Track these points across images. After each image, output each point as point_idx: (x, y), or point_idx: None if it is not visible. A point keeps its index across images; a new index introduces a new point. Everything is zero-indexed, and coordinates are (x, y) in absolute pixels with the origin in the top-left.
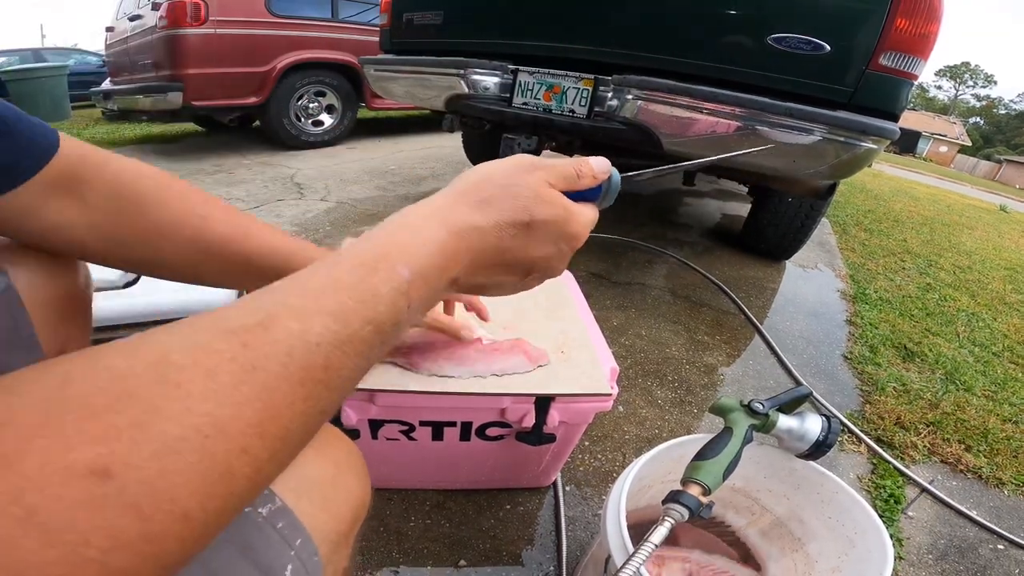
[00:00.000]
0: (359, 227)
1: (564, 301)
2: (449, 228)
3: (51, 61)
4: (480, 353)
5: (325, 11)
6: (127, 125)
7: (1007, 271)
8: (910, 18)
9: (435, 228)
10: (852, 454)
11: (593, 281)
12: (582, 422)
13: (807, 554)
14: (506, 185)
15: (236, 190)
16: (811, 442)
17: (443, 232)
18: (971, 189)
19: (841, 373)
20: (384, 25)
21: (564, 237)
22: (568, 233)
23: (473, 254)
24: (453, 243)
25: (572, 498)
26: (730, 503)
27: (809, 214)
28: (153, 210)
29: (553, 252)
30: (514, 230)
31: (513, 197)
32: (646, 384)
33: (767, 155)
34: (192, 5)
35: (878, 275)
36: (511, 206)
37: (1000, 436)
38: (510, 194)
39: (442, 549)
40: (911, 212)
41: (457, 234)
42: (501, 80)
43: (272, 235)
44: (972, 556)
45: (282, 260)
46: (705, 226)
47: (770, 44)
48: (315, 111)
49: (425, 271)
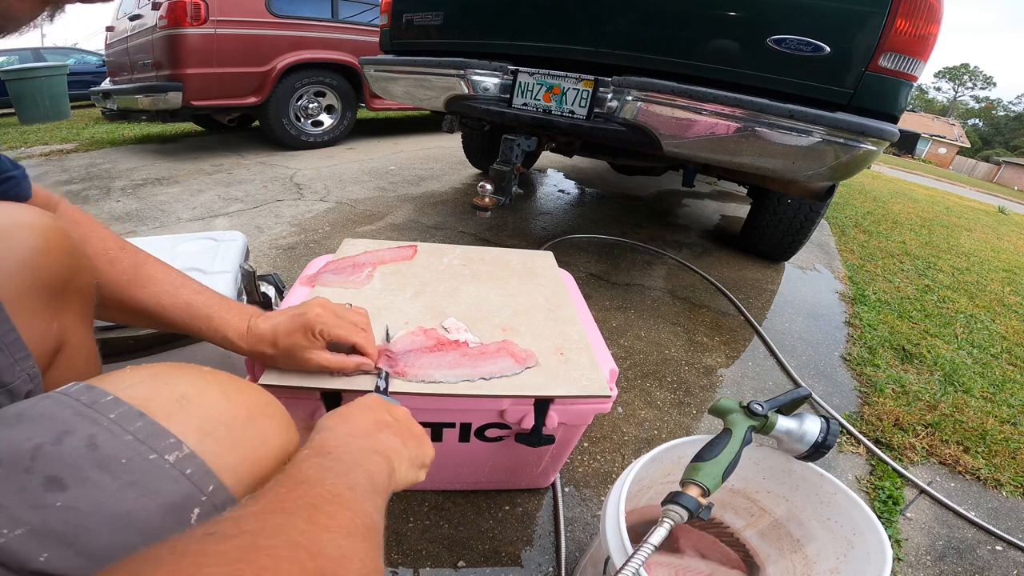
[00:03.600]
0: (358, 227)
1: (563, 302)
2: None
3: (50, 61)
4: (467, 357)
5: (325, 11)
6: (126, 125)
7: (1006, 273)
8: (910, 20)
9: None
10: (851, 455)
11: (592, 282)
12: (581, 423)
13: (806, 555)
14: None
15: (235, 190)
16: (810, 443)
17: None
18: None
19: (840, 374)
20: (384, 25)
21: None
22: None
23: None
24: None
25: (571, 499)
26: (729, 504)
27: (808, 215)
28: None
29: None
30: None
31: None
32: (645, 385)
33: (767, 156)
34: (192, 5)
35: (877, 277)
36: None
37: (998, 437)
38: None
39: (441, 550)
40: (910, 214)
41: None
42: (501, 81)
43: (159, 292)
44: (970, 557)
45: (162, 319)
46: (704, 227)
47: (770, 45)
48: (315, 111)
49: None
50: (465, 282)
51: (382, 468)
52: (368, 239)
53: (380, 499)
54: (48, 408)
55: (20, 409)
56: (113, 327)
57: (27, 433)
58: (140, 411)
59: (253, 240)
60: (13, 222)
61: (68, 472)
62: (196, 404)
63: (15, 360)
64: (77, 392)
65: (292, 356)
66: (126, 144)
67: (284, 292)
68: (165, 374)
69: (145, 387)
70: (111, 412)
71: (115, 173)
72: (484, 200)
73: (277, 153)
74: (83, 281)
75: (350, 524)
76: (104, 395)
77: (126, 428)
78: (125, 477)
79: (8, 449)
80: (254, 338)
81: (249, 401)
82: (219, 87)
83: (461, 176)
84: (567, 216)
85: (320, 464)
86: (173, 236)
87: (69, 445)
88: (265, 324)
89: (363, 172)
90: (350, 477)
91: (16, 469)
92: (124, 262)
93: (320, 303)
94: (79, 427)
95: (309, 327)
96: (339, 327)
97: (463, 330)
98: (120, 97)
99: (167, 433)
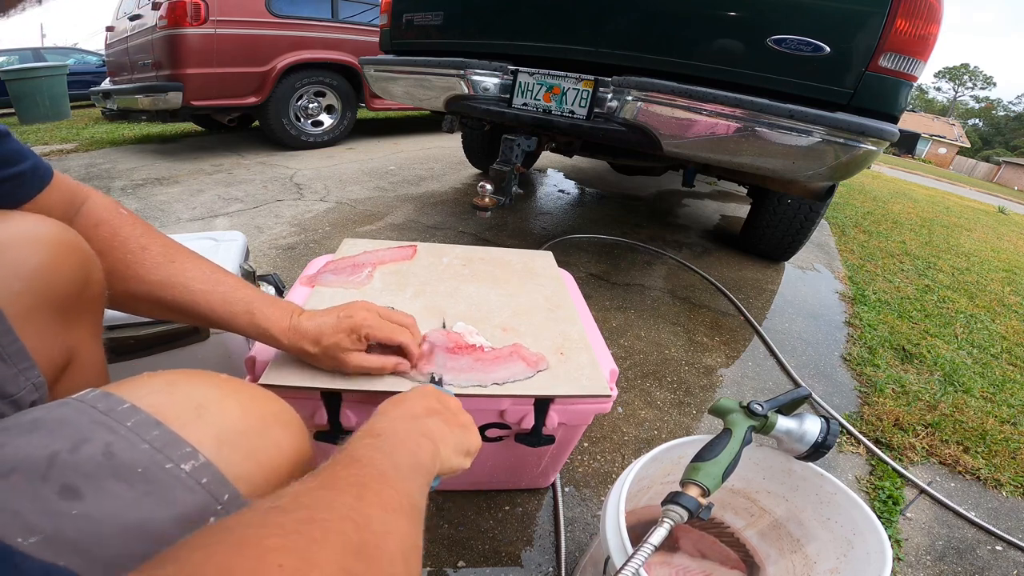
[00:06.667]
0: (358, 227)
1: (563, 302)
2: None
3: (51, 60)
4: (479, 362)
5: (325, 11)
6: (126, 125)
7: (1006, 273)
8: (910, 20)
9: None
10: (851, 455)
11: (592, 282)
12: (581, 424)
13: (806, 555)
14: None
15: (235, 190)
16: (810, 443)
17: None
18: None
19: (840, 374)
20: (384, 25)
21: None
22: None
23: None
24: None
25: (571, 499)
26: (729, 504)
27: (808, 215)
28: (102, 253)
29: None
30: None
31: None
32: (645, 385)
33: (767, 156)
34: (192, 5)
35: (877, 277)
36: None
37: (998, 437)
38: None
39: (441, 550)
40: (910, 214)
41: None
42: (501, 81)
43: (192, 288)
44: (970, 557)
45: (197, 314)
46: (704, 227)
47: (770, 46)
48: (315, 111)
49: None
50: (465, 282)
51: (426, 450)
52: (368, 239)
53: (423, 479)
54: (65, 415)
55: (36, 415)
56: (113, 327)
57: (44, 440)
58: (157, 420)
59: (253, 240)
60: (18, 236)
61: (84, 481)
62: (213, 413)
63: (19, 371)
64: (94, 399)
65: (333, 356)
66: (126, 144)
67: (284, 292)
68: (182, 382)
69: (162, 395)
70: (128, 420)
71: (115, 173)
72: (484, 200)
73: (277, 153)
74: (94, 292)
75: (393, 501)
76: (121, 403)
77: (143, 437)
78: (141, 486)
79: (24, 456)
80: (297, 335)
81: (264, 409)
82: (219, 87)
83: (461, 176)
84: (567, 216)
85: (371, 444)
86: (173, 236)
87: (86, 453)
88: (309, 322)
89: (363, 172)
90: (395, 457)
91: (32, 476)
92: (157, 256)
93: (365, 306)
94: (96, 435)
95: (355, 329)
96: (384, 329)
97: (475, 334)
98: (120, 97)
99: (183, 442)
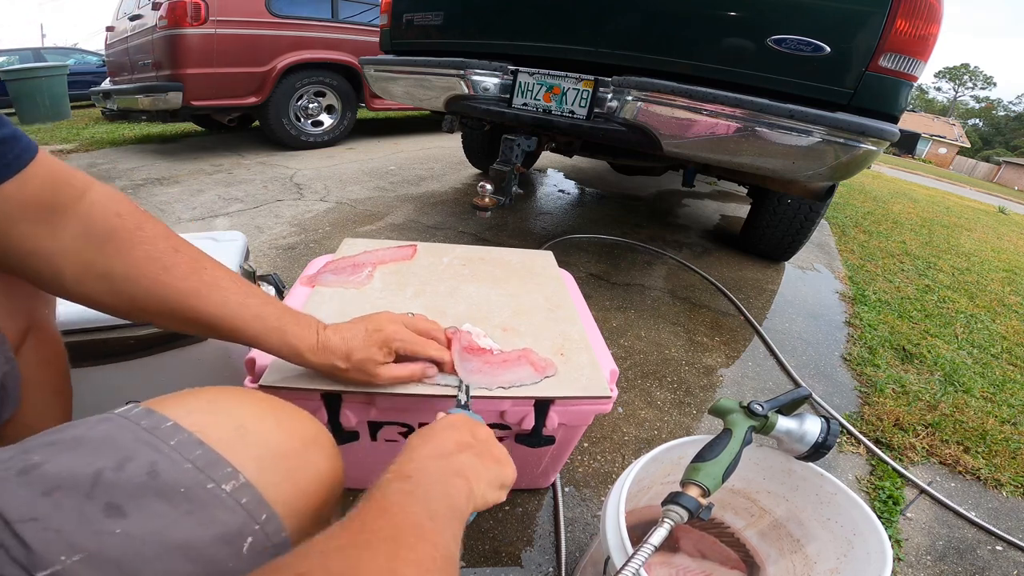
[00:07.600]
0: (358, 227)
1: (563, 302)
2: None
3: (51, 61)
4: (488, 364)
5: (325, 11)
6: (126, 125)
7: (1006, 273)
8: (910, 20)
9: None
10: (851, 455)
11: (592, 282)
12: (581, 424)
13: (806, 555)
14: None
15: (235, 190)
16: (810, 444)
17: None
18: (970, 191)
19: (840, 374)
20: (384, 25)
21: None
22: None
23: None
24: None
25: (571, 499)
26: (729, 504)
27: (808, 215)
28: (117, 254)
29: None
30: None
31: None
32: (645, 385)
33: (767, 156)
34: (192, 5)
35: (877, 277)
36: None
37: (999, 437)
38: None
39: None
40: (910, 214)
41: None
42: (501, 81)
43: (226, 300)
44: (971, 557)
45: (228, 329)
46: (704, 227)
47: (770, 46)
48: (315, 111)
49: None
50: (465, 282)
51: (461, 490)
52: (368, 239)
53: (458, 525)
54: (109, 432)
55: (79, 432)
56: (114, 327)
57: (88, 458)
58: (199, 439)
59: (253, 240)
60: None
61: (128, 499)
62: (254, 434)
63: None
64: (137, 416)
65: (364, 370)
66: (126, 144)
67: (284, 292)
68: (223, 400)
69: (204, 414)
70: (171, 439)
71: (115, 173)
72: (484, 200)
73: (277, 153)
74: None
75: (427, 558)
76: (164, 420)
77: (186, 456)
78: (183, 506)
79: (69, 474)
80: (327, 352)
81: (302, 430)
82: (219, 87)
83: (461, 176)
84: (567, 216)
85: (401, 489)
86: None
87: (130, 472)
88: (336, 337)
89: (363, 172)
90: (430, 504)
91: (76, 494)
92: (181, 267)
93: (391, 317)
94: (140, 453)
95: (386, 343)
96: (416, 344)
97: (482, 336)
98: (120, 97)
99: (225, 462)
